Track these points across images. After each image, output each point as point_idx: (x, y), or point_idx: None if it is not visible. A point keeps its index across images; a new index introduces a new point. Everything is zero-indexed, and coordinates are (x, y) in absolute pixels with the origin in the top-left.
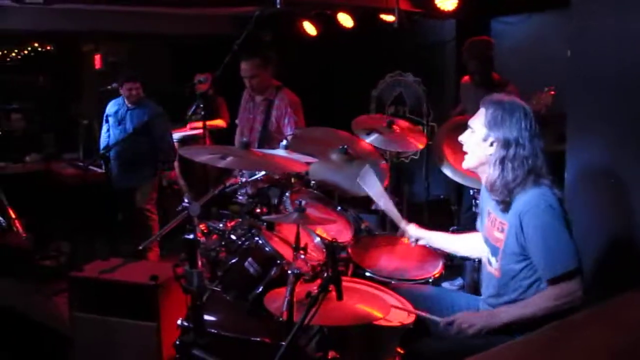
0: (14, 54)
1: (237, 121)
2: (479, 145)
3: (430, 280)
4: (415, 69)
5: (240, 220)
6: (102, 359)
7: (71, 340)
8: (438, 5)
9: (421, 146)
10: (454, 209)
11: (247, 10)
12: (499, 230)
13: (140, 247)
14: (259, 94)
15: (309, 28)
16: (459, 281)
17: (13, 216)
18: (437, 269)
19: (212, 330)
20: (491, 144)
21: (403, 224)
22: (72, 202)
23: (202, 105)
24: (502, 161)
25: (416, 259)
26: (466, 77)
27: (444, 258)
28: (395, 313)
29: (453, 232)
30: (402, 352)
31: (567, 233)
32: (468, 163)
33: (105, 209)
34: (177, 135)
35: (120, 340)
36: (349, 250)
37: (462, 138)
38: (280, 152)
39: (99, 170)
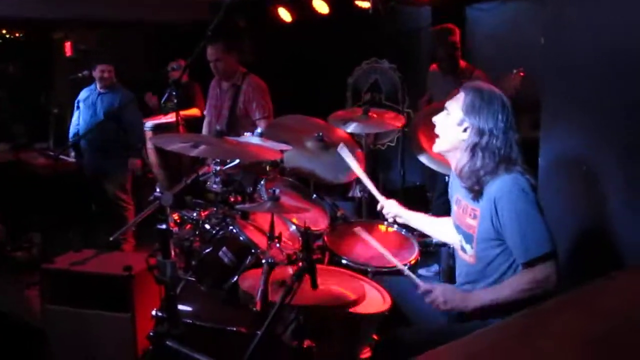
0: None
1: (204, 112)
2: (453, 129)
3: (407, 266)
4: (391, 55)
5: (214, 209)
6: (76, 351)
7: (43, 333)
8: None
9: (399, 124)
10: (429, 195)
11: None
12: (471, 217)
13: (112, 238)
14: (225, 79)
15: (284, 14)
16: (434, 268)
17: None
18: (412, 255)
19: (188, 321)
20: (465, 130)
21: (382, 199)
22: (44, 192)
23: (174, 93)
24: (474, 149)
25: (392, 246)
26: (434, 65)
27: (419, 245)
28: (372, 301)
29: None
30: (376, 338)
31: (541, 217)
32: (439, 146)
33: (77, 199)
34: (150, 123)
35: (95, 332)
36: (325, 238)
37: (436, 119)
38: (255, 139)
39: (70, 160)
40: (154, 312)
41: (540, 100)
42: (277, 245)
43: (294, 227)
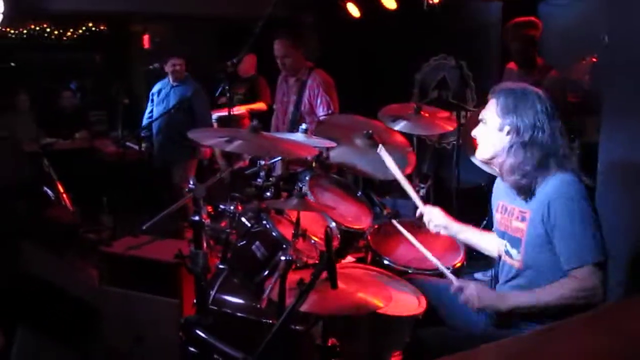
0: (69, 34)
1: (274, 106)
2: (494, 135)
3: (450, 269)
4: (460, 52)
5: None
6: (126, 331)
7: (99, 312)
8: None
9: (450, 128)
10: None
11: None
12: (518, 219)
13: (144, 227)
14: (291, 74)
15: (353, 9)
16: (490, 273)
17: (61, 190)
18: (457, 259)
19: (227, 311)
20: (507, 133)
21: (422, 206)
22: (115, 178)
23: (227, 87)
24: (518, 147)
25: (437, 248)
26: (512, 63)
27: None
28: (406, 304)
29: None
30: (407, 340)
31: (595, 226)
32: (482, 154)
33: (145, 186)
34: (215, 115)
35: (144, 314)
36: (369, 238)
37: (475, 132)
38: (299, 136)
39: (137, 148)
40: (195, 300)
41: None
42: (312, 241)
43: (333, 224)
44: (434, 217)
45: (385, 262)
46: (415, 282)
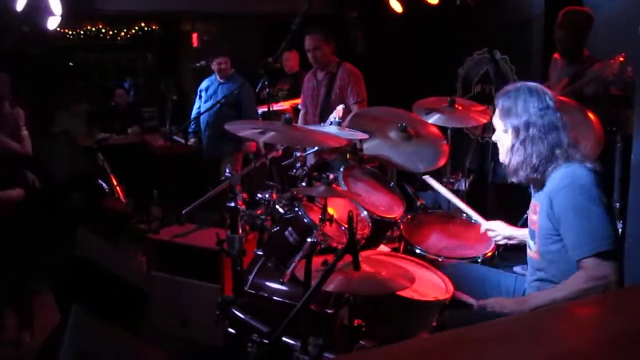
0: (123, 34)
1: (299, 105)
2: (503, 138)
3: (479, 259)
4: (503, 46)
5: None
6: (172, 314)
7: (148, 296)
8: None
9: (484, 121)
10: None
11: None
12: (534, 212)
13: (184, 212)
14: (321, 68)
15: (395, 4)
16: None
17: (115, 183)
18: (488, 248)
19: (264, 294)
20: (510, 133)
21: (484, 222)
22: (165, 171)
23: (266, 83)
24: (521, 145)
25: (468, 238)
26: (556, 54)
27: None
28: (433, 289)
29: None
30: (433, 324)
31: (602, 213)
32: (502, 157)
33: (192, 179)
34: (260, 110)
35: (189, 298)
36: (402, 227)
37: (494, 138)
38: (332, 128)
39: (185, 142)
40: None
41: None
42: (342, 228)
43: (365, 213)
44: (499, 230)
45: (417, 250)
46: (445, 270)
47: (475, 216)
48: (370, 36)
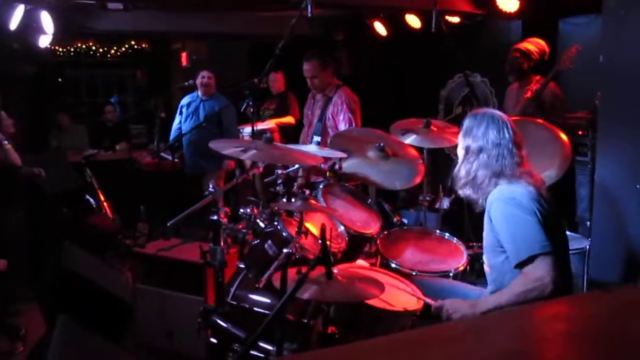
0: (113, 51)
1: (304, 121)
2: (460, 153)
3: (451, 273)
4: (483, 69)
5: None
6: (157, 326)
7: (132, 309)
8: (500, 7)
9: (456, 142)
10: None
11: (319, 13)
12: (483, 229)
13: (169, 224)
14: (319, 92)
15: (380, 28)
16: None
17: (102, 199)
18: (460, 263)
19: (245, 305)
20: (465, 151)
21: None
22: (151, 187)
23: (251, 103)
24: (470, 163)
25: (441, 253)
26: (514, 85)
27: (470, 256)
28: (405, 301)
29: None
30: None
31: (532, 221)
32: (456, 170)
33: (177, 195)
34: (248, 129)
35: (173, 311)
36: (378, 242)
37: (457, 151)
38: (311, 147)
39: (170, 159)
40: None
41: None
42: (318, 240)
43: (342, 228)
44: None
45: (393, 265)
46: (419, 283)
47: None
48: (356, 58)
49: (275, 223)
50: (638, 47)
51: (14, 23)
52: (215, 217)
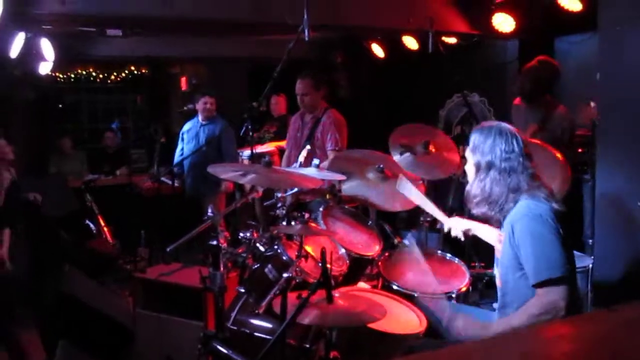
0: (113, 77)
1: (285, 145)
2: (470, 171)
3: (454, 294)
4: (481, 89)
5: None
6: (157, 351)
7: (133, 334)
8: (496, 27)
9: (456, 171)
10: None
11: (318, 36)
12: (499, 242)
13: (168, 249)
14: (309, 112)
15: (377, 50)
16: None
17: (102, 224)
18: (462, 284)
19: (246, 330)
20: (475, 167)
21: (445, 219)
22: (152, 212)
23: (249, 127)
24: (481, 181)
25: (443, 274)
26: (518, 99)
27: (473, 275)
28: (408, 323)
29: None
30: None
31: (557, 242)
32: (467, 186)
33: (177, 219)
34: (247, 152)
35: (173, 336)
36: (379, 264)
37: (466, 168)
38: (311, 170)
39: (171, 183)
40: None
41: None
42: (319, 264)
43: (343, 251)
44: (458, 224)
45: (394, 287)
46: (420, 305)
47: (440, 216)
48: (354, 80)
49: (275, 247)
50: (634, 63)
51: (14, 51)
52: (214, 242)
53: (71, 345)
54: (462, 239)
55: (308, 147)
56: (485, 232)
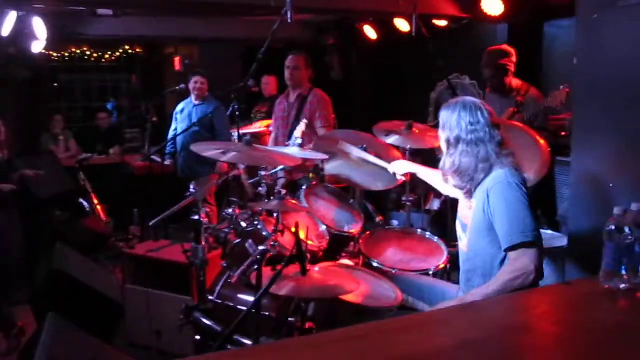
0: (107, 56)
1: (271, 127)
2: (443, 147)
3: (431, 271)
4: (472, 72)
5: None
6: (145, 325)
7: (122, 308)
8: (485, 10)
9: (437, 144)
10: None
11: (310, 18)
12: (468, 208)
13: (151, 224)
14: (294, 88)
15: (370, 32)
16: None
17: (96, 202)
18: (440, 261)
19: (229, 304)
20: (445, 144)
21: (389, 166)
22: (144, 190)
23: (237, 107)
24: (451, 156)
25: (421, 252)
26: (487, 89)
27: (450, 254)
28: (383, 297)
29: None
30: None
31: (528, 210)
32: (441, 164)
33: (170, 198)
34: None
35: (161, 310)
36: (360, 242)
37: (441, 146)
38: (293, 149)
39: (163, 162)
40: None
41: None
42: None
43: (323, 227)
44: (401, 166)
45: (374, 264)
46: (398, 280)
47: (383, 164)
48: (347, 62)
49: (256, 222)
50: (610, 49)
51: (6, 29)
52: (196, 217)
53: (59, 317)
54: (404, 179)
55: (305, 120)
56: (428, 175)
